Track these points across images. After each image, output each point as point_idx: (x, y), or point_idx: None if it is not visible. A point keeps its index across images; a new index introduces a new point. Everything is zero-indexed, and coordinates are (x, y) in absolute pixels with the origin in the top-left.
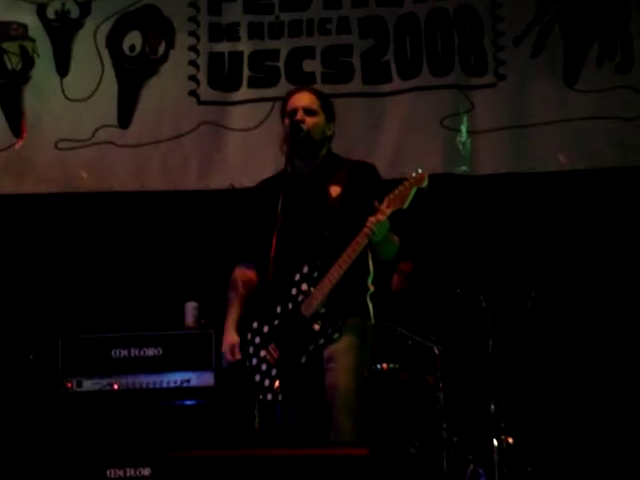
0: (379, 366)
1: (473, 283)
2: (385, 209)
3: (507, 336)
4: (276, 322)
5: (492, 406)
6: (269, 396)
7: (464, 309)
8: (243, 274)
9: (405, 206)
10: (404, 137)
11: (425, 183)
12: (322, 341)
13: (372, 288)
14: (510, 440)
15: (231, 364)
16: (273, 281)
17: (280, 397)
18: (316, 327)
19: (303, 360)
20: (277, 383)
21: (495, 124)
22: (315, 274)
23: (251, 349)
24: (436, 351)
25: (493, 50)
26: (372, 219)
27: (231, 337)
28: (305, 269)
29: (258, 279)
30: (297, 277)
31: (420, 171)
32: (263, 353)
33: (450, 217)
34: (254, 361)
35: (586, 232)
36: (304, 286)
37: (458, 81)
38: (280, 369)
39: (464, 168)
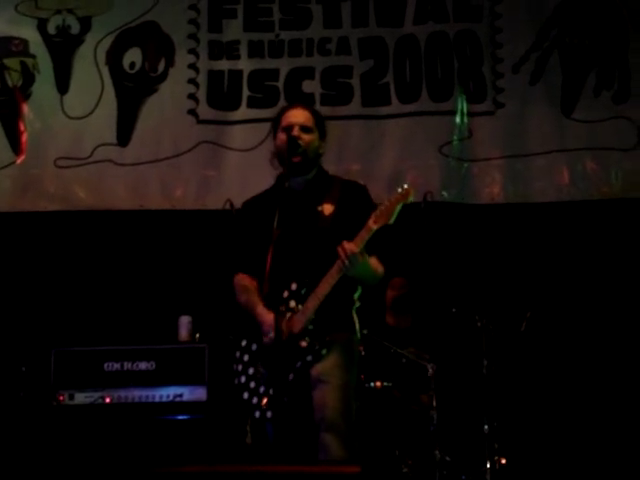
0: (373, 384)
1: (468, 303)
2: (372, 225)
3: (501, 356)
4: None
5: (486, 426)
6: (257, 413)
7: (459, 328)
8: (249, 280)
9: (391, 222)
10: (402, 161)
11: (410, 199)
12: (310, 358)
13: (358, 303)
14: (503, 461)
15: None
16: (266, 297)
17: (268, 414)
18: (303, 344)
19: (290, 377)
20: (265, 400)
21: (493, 153)
22: (303, 291)
23: (240, 367)
24: (430, 370)
25: (492, 77)
26: (346, 247)
27: (270, 314)
28: (293, 286)
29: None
30: (285, 294)
31: (405, 186)
32: (251, 371)
33: (447, 238)
34: (242, 379)
35: (581, 256)
36: (292, 303)
37: (457, 107)
38: (268, 386)
39: (461, 196)
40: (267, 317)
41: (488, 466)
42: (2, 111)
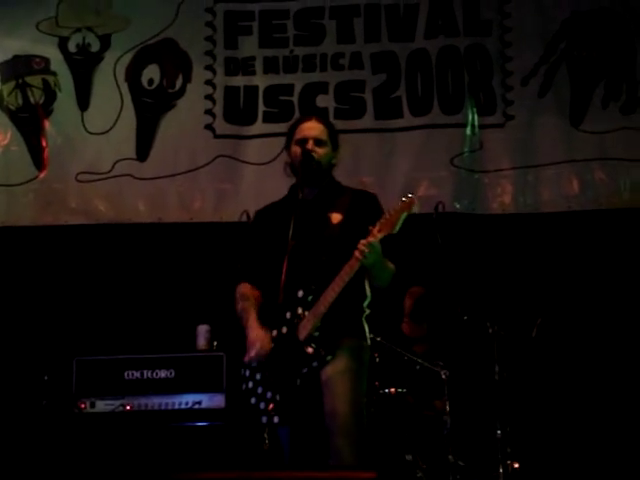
0: (387, 390)
1: (480, 310)
2: (376, 233)
3: (513, 362)
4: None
5: (498, 431)
6: (264, 419)
7: (471, 335)
8: (250, 290)
9: (395, 231)
10: (414, 173)
11: (414, 208)
12: (315, 364)
13: (368, 311)
14: (516, 465)
15: (257, 357)
16: (280, 305)
17: (275, 420)
18: (309, 350)
19: (298, 383)
20: (271, 406)
21: (503, 164)
22: (310, 298)
23: (247, 372)
24: (443, 376)
25: (502, 90)
26: (363, 241)
27: (258, 330)
28: (300, 293)
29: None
30: (292, 301)
31: (410, 195)
32: (259, 376)
33: (459, 248)
34: (250, 384)
35: (590, 265)
36: (299, 310)
37: (468, 120)
38: (275, 392)
39: (473, 207)
40: (254, 333)
41: (501, 470)
42: (25, 128)
